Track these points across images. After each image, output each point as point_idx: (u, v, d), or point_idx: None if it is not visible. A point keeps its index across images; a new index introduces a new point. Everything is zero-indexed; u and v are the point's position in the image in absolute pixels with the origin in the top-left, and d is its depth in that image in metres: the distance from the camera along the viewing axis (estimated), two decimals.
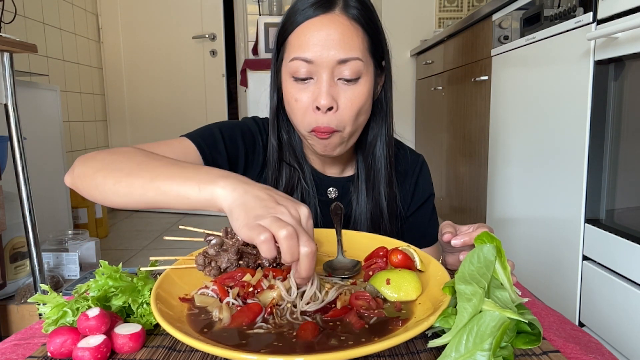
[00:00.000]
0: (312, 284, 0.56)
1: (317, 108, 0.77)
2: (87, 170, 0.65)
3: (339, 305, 0.54)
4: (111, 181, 0.61)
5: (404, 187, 0.95)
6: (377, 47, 0.82)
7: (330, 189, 0.93)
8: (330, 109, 0.77)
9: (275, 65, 0.86)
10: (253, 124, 0.92)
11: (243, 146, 0.88)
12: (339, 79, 0.77)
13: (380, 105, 0.88)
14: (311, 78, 0.78)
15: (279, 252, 0.49)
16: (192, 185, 0.55)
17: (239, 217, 0.51)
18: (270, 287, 0.57)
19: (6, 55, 1.51)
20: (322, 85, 0.76)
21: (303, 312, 0.53)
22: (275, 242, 0.48)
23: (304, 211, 0.53)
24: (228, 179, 0.54)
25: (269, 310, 0.52)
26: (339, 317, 0.52)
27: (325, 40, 0.75)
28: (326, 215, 0.90)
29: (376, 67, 0.83)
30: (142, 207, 0.61)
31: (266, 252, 0.48)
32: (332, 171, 0.93)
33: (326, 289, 0.58)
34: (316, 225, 0.88)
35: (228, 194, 0.53)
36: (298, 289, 0.56)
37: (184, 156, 0.78)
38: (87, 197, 0.66)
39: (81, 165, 0.66)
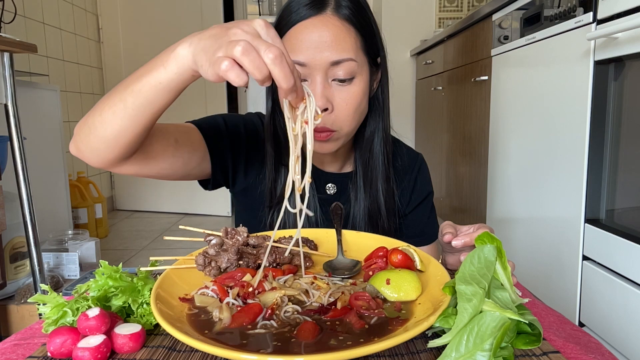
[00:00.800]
0: (309, 98, 0.54)
1: None
2: (81, 124, 0.66)
3: (339, 305, 0.54)
4: (97, 114, 0.62)
5: (402, 184, 0.95)
6: (371, 45, 0.81)
7: (329, 185, 0.93)
8: (325, 110, 0.77)
9: None
10: (256, 118, 0.93)
11: (245, 134, 0.89)
12: (333, 79, 0.77)
13: (377, 102, 0.88)
14: (305, 80, 0.78)
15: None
16: (157, 69, 0.55)
17: (202, 62, 0.49)
18: (273, 288, 0.57)
19: (6, 55, 1.51)
20: (316, 87, 0.76)
21: (305, 312, 0.53)
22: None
23: (258, 22, 0.50)
24: (182, 41, 0.53)
25: (269, 311, 0.52)
26: (339, 317, 0.52)
27: (317, 42, 0.75)
28: (325, 212, 0.90)
29: (371, 65, 0.82)
30: (135, 124, 0.60)
31: (235, 78, 0.46)
32: (330, 167, 0.93)
33: (322, 289, 0.58)
34: (315, 222, 0.88)
35: (187, 51, 0.52)
36: (296, 107, 0.54)
37: (187, 134, 0.80)
38: (89, 153, 0.65)
39: (76, 127, 0.67)
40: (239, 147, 0.88)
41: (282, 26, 0.79)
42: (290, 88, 0.49)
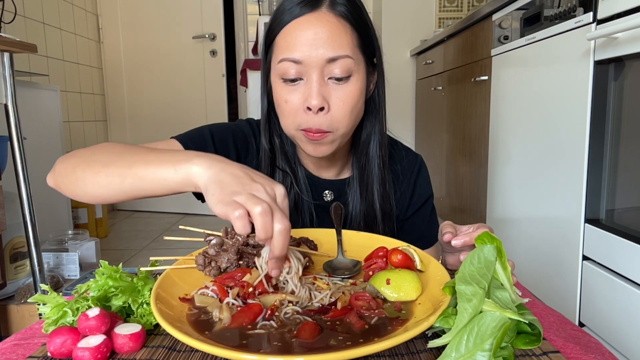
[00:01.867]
0: (287, 267, 0.57)
1: (308, 109, 0.75)
2: (67, 167, 0.65)
3: (339, 305, 0.54)
4: (90, 173, 0.62)
5: (401, 187, 0.94)
6: (368, 44, 0.80)
7: (326, 192, 0.91)
8: (321, 109, 0.75)
9: (264, 67, 0.84)
10: (247, 127, 0.91)
11: (234, 149, 0.87)
12: (329, 78, 0.75)
13: (373, 104, 0.86)
14: (301, 79, 0.76)
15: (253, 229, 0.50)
16: (167, 167, 0.56)
17: (215, 193, 0.51)
18: (274, 291, 0.57)
19: (6, 55, 1.51)
20: (312, 85, 0.74)
21: (305, 312, 0.53)
22: (250, 218, 0.49)
23: (280, 190, 0.54)
24: (203, 157, 0.55)
25: (269, 311, 0.52)
26: (339, 317, 0.52)
27: (312, 40, 0.73)
28: (322, 219, 0.89)
29: (368, 65, 0.81)
30: (123, 197, 0.61)
31: (240, 228, 0.48)
32: (327, 174, 0.92)
33: (322, 288, 0.58)
34: None
35: (204, 172, 0.54)
36: (271, 278, 0.57)
37: None
38: (70, 195, 0.66)
39: (61, 163, 0.66)
40: (228, 159, 0.86)
41: (275, 25, 0.78)
42: (281, 257, 0.52)
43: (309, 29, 0.74)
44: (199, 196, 0.88)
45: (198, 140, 0.83)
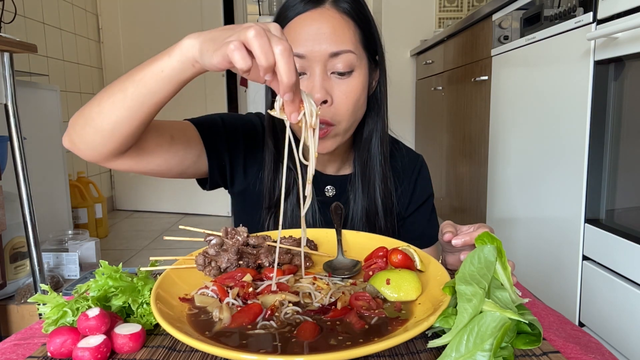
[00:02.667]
0: (308, 99, 0.54)
1: None
2: (76, 116, 0.66)
3: (339, 305, 0.54)
4: (95, 105, 0.62)
5: (402, 186, 0.95)
6: (370, 40, 0.82)
7: (328, 187, 0.92)
8: (324, 102, 0.76)
9: None
10: (255, 118, 0.93)
11: (243, 136, 0.88)
12: (332, 72, 0.77)
13: (375, 101, 0.87)
14: (304, 73, 0.77)
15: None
16: (162, 58, 0.56)
17: (209, 48, 0.50)
18: (274, 291, 0.57)
19: (6, 55, 1.51)
20: (315, 79, 0.76)
21: (305, 312, 0.53)
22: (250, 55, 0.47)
23: (273, 25, 0.51)
24: (190, 35, 0.55)
25: (269, 312, 0.52)
26: (339, 317, 0.52)
27: (316, 35, 0.75)
28: (324, 214, 0.89)
29: (370, 61, 0.82)
30: (133, 115, 0.60)
31: (239, 60, 0.46)
32: (329, 170, 0.93)
33: (322, 288, 0.58)
34: (315, 224, 0.88)
35: (195, 40, 0.53)
36: (292, 113, 0.53)
37: (183, 130, 0.80)
38: (84, 146, 0.65)
39: (71, 119, 0.67)
40: (237, 147, 0.88)
41: (280, 21, 0.80)
42: (291, 84, 0.49)
43: (312, 24, 0.76)
44: (203, 184, 0.89)
45: (209, 123, 0.85)
